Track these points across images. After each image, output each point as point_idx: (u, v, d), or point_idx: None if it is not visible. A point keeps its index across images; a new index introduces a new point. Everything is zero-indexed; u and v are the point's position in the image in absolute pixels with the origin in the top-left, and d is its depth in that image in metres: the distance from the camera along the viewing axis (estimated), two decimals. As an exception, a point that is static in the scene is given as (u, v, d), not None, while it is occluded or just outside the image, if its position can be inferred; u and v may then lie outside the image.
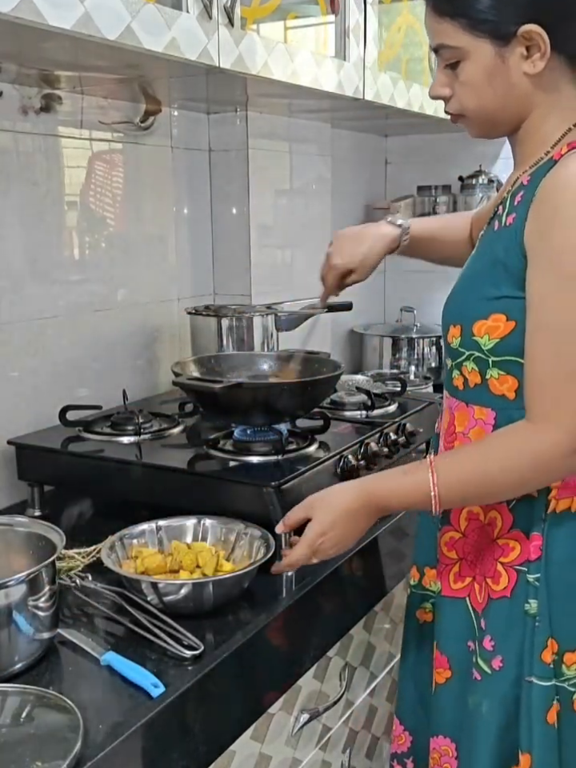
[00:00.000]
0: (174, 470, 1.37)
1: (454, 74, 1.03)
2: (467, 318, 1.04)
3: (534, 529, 1.04)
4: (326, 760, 1.34)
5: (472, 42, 0.99)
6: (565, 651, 1.03)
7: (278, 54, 1.45)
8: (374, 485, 1.07)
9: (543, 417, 0.96)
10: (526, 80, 1.00)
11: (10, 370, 1.54)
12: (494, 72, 1.00)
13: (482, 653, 1.08)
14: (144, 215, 1.85)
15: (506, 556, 1.06)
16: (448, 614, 1.15)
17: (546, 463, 0.97)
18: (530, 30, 0.96)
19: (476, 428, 1.08)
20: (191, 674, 0.97)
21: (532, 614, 1.03)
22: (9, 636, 0.95)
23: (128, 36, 1.14)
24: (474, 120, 1.07)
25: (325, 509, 1.07)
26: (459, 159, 2.51)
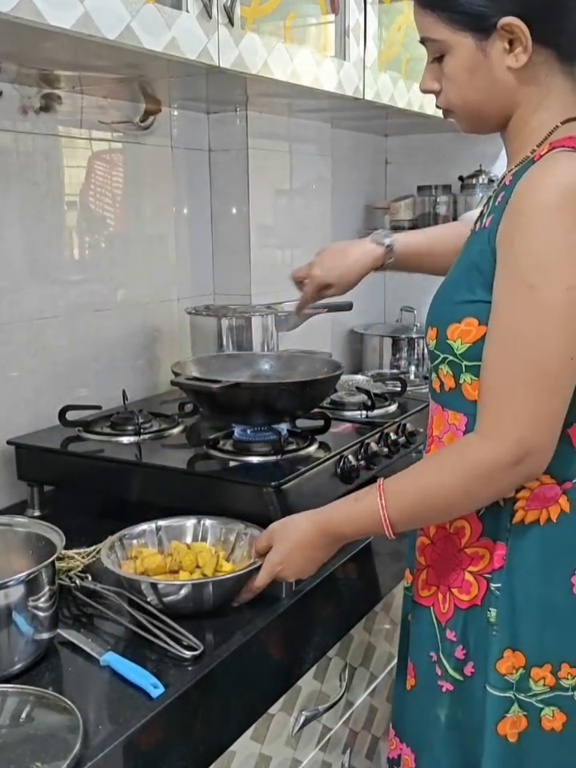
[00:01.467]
0: (173, 470, 1.36)
1: (440, 68, 1.02)
2: (443, 320, 1.02)
3: (499, 538, 1.02)
4: (326, 761, 1.34)
5: (453, 35, 0.98)
6: (532, 666, 1.01)
7: (277, 53, 1.45)
8: (328, 514, 1.08)
9: (488, 428, 0.95)
10: (509, 74, 0.98)
11: (9, 369, 1.54)
12: (477, 66, 0.98)
13: (452, 663, 1.06)
14: (144, 215, 1.85)
15: (476, 565, 1.04)
16: (416, 620, 1.14)
17: (490, 475, 0.95)
18: (509, 22, 0.94)
19: (449, 432, 1.06)
20: (191, 674, 0.97)
21: (491, 623, 1.02)
22: (8, 636, 0.95)
23: (128, 36, 1.14)
24: (461, 114, 1.05)
25: (283, 539, 1.09)
26: (459, 159, 2.51)
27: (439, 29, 0.99)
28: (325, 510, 1.10)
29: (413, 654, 1.14)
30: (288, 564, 1.09)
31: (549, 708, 1.02)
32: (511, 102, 1.00)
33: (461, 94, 1.02)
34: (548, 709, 1.02)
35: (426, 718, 1.11)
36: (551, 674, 1.02)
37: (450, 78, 1.01)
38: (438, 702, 1.09)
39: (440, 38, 0.99)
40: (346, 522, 1.06)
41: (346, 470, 1.38)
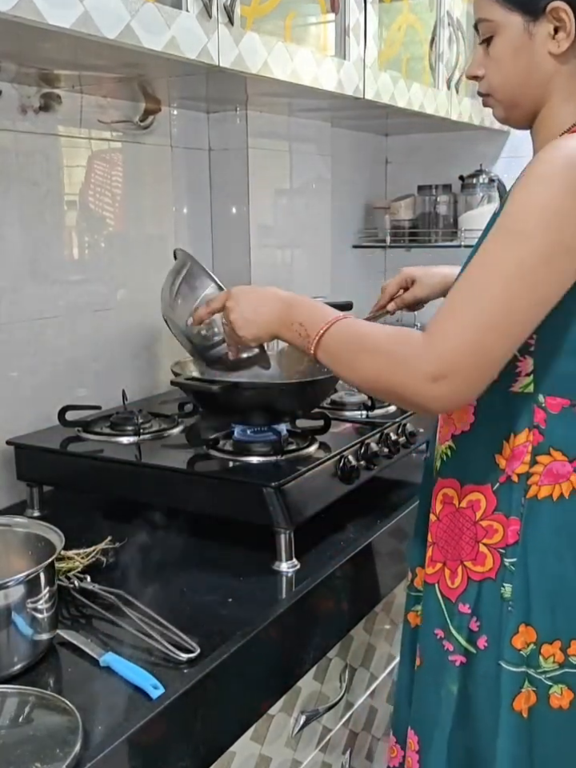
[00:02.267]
0: (173, 470, 1.36)
1: (487, 52, 1.06)
2: None
3: (513, 513, 1.03)
4: (326, 761, 1.33)
5: (505, 15, 1.02)
6: (543, 642, 1.03)
7: (277, 53, 1.45)
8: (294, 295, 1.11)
9: (426, 336, 0.94)
10: (549, 60, 1.01)
11: (9, 370, 1.54)
12: (521, 48, 1.02)
13: (465, 635, 1.07)
14: (144, 215, 1.84)
15: (491, 538, 1.05)
16: (424, 600, 1.15)
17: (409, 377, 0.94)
18: (557, 6, 0.98)
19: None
20: (191, 675, 0.97)
21: (506, 599, 1.03)
22: (8, 637, 0.95)
23: (127, 35, 1.14)
24: (498, 98, 1.08)
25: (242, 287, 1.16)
26: (460, 158, 2.50)
27: (493, 9, 1.03)
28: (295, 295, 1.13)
29: (420, 633, 1.15)
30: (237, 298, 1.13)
31: (557, 686, 1.03)
32: (544, 91, 1.04)
33: (501, 75, 1.05)
34: (556, 686, 1.03)
35: (435, 696, 1.11)
36: (561, 650, 1.03)
37: (495, 59, 1.05)
38: (449, 677, 1.09)
39: (493, 18, 1.03)
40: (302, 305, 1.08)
41: (346, 470, 1.38)
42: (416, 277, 1.42)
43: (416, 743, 1.14)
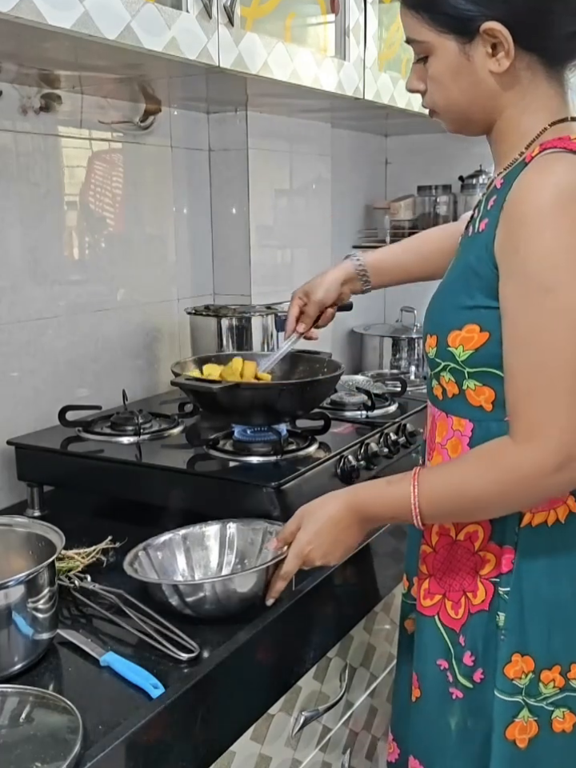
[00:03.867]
0: (173, 470, 1.36)
1: (425, 69, 1.02)
2: (443, 328, 1.01)
3: (507, 542, 1.01)
4: (326, 761, 1.34)
5: (437, 37, 0.98)
6: (542, 669, 1.01)
7: (277, 53, 1.45)
8: (359, 494, 1.06)
9: (525, 435, 0.92)
10: (492, 78, 0.97)
11: (9, 370, 1.54)
12: (459, 69, 0.98)
13: (462, 670, 1.06)
14: (144, 215, 1.85)
15: (483, 568, 1.04)
16: (420, 630, 1.12)
17: (531, 481, 0.93)
18: (491, 27, 0.93)
19: (453, 439, 1.05)
20: (191, 675, 0.97)
21: (500, 627, 1.02)
22: (8, 637, 0.95)
23: (128, 36, 1.14)
24: (445, 115, 1.05)
25: (312, 518, 1.07)
26: (459, 159, 2.51)
27: (424, 30, 0.98)
28: (355, 488, 1.08)
29: (417, 665, 1.12)
30: (317, 543, 1.06)
31: (559, 710, 1.02)
32: (495, 106, 1.00)
33: (444, 96, 1.02)
34: (558, 710, 1.02)
35: (437, 727, 1.09)
36: (560, 675, 1.01)
37: (434, 80, 1.01)
38: (449, 711, 1.07)
39: (424, 40, 0.99)
40: (377, 504, 1.05)
41: (346, 470, 1.38)
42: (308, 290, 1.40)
43: None
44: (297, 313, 1.41)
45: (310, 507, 1.09)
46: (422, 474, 1.01)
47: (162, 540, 1.19)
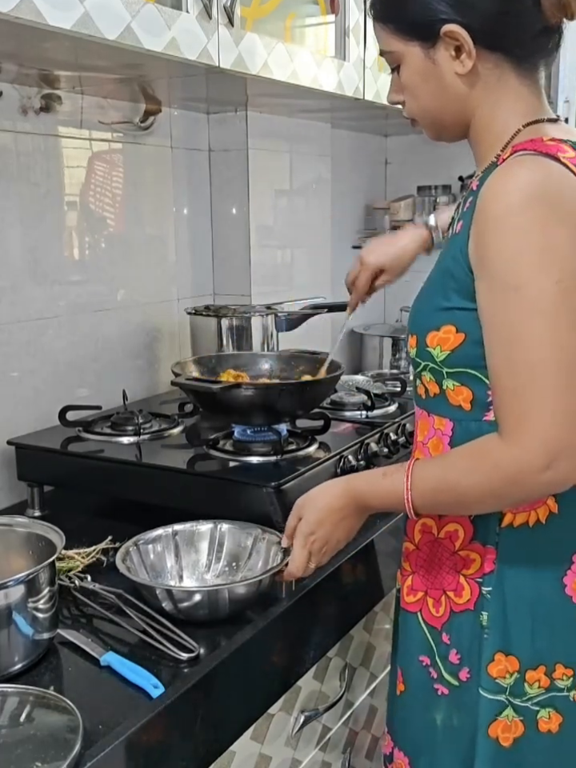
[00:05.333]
0: (173, 470, 1.36)
1: (399, 79, 1.05)
2: (422, 328, 1.02)
3: (489, 541, 1.02)
4: (326, 761, 1.34)
5: (403, 45, 1.01)
6: (526, 669, 1.01)
7: (277, 54, 1.45)
8: (356, 483, 1.08)
9: (511, 433, 0.92)
10: (458, 80, 0.99)
11: (9, 370, 1.54)
12: (427, 74, 1.01)
13: (448, 667, 1.06)
14: (144, 215, 1.85)
15: (468, 568, 1.04)
16: (403, 626, 1.14)
17: (519, 480, 0.93)
18: (450, 29, 0.96)
19: (434, 438, 1.06)
20: (191, 674, 0.97)
21: (483, 626, 1.02)
22: (8, 637, 0.95)
23: (128, 36, 1.14)
24: (423, 122, 1.08)
25: (311, 508, 1.09)
26: (459, 159, 2.49)
27: (391, 41, 1.02)
28: (352, 477, 1.10)
29: (401, 659, 1.14)
30: (320, 533, 1.08)
31: (545, 710, 1.02)
32: (465, 108, 1.02)
33: (417, 102, 1.05)
34: (544, 711, 1.02)
35: (422, 721, 1.10)
36: (546, 675, 1.02)
37: (407, 87, 1.04)
38: (434, 706, 1.08)
39: (393, 50, 1.02)
40: (373, 494, 1.06)
41: (346, 470, 1.38)
42: (383, 266, 1.39)
43: (407, 764, 1.14)
44: (368, 285, 1.40)
45: (308, 498, 1.10)
46: (416, 466, 1.01)
47: (152, 536, 1.20)
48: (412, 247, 1.38)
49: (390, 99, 1.10)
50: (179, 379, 1.42)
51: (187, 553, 1.21)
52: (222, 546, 1.22)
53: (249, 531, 1.22)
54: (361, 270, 1.40)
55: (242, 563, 1.20)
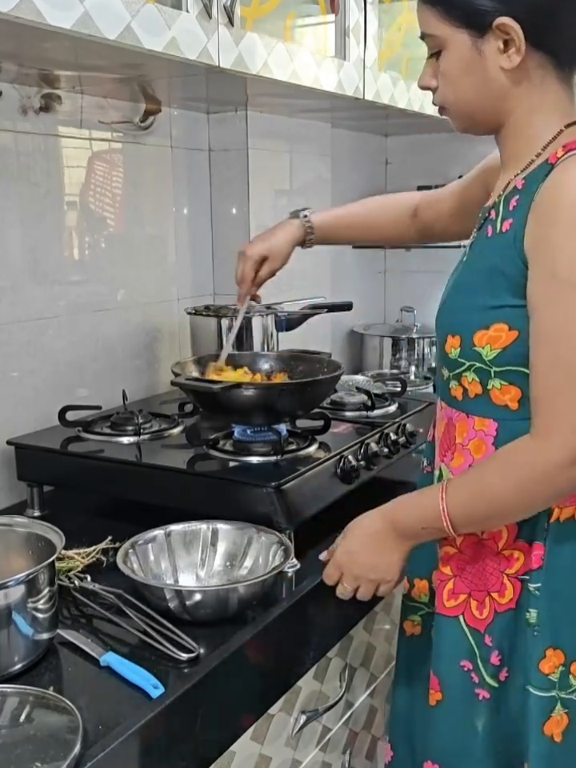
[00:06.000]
0: (173, 470, 1.36)
1: (438, 64, 1.03)
2: (467, 328, 1.02)
3: (537, 538, 1.02)
4: (326, 761, 1.34)
5: (450, 31, 0.99)
6: (572, 662, 1.02)
7: (277, 53, 1.45)
8: (394, 506, 1.09)
9: (543, 430, 0.94)
10: (502, 75, 0.98)
11: (9, 370, 1.54)
12: (471, 64, 0.99)
13: (489, 670, 1.05)
14: (144, 215, 1.84)
15: (511, 567, 1.04)
16: (440, 632, 1.11)
17: (545, 476, 0.94)
18: (503, 22, 0.95)
19: (475, 439, 1.06)
20: (191, 675, 0.97)
21: (531, 624, 1.02)
22: (8, 637, 0.95)
23: (128, 36, 1.14)
24: (454, 113, 1.06)
25: (351, 531, 1.12)
26: (459, 159, 2.50)
27: (438, 24, 1.00)
28: (393, 501, 1.10)
29: (439, 667, 1.11)
30: (354, 555, 1.09)
31: None
32: (504, 104, 1.01)
33: (454, 91, 1.03)
34: None
35: (462, 730, 1.08)
36: None
37: (445, 74, 1.02)
38: (476, 712, 1.07)
39: (438, 34, 1.00)
40: (409, 513, 1.06)
41: (346, 470, 1.38)
42: (265, 254, 1.42)
43: None
44: (253, 276, 1.43)
45: (354, 521, 1.12)
46: (451, 480, 1.03)
47: (149, 536, 1.20)
48: (287, 238, 1.42)
49: (421, 83, 1.07)
50: (179, 379, 1.42)
51: (183, 553, 1.21)
52: (217, 545, 1.22)
53: (244, 531, 1.22)
54: (244, 262, 1.43)
55: (236, 563, 1.21)
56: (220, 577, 1.20)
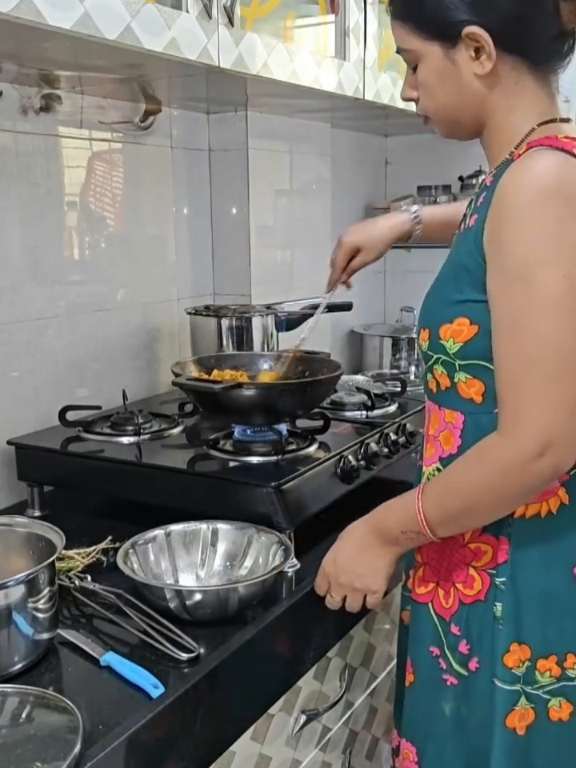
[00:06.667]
0: (173, 470, 1.36)
1: (415, 77, 1.06)
2: (434, 321, 1.04)
3: (502, 533, 1.03)
4: (326, 761, 1.34)
5: (422, 44, 1.02)
6: (538, 658, 1.03)
7: (277, 54, 1.45)
8: (376, 511, 1.11)
9: (508, 424, 0.95)
10: (477, 81, 1.01)
11: (9, 370, 1.54)
12: (446, 74, 1.02)
13: (457, 657, 1.07)
14: (144, 215, 1.85)
15: (479, 560, 1.05)
16: (414, 617, 1.15)
17: (512, 471, 0.95)
18: (472, 31, 0.97)
19: (445, 431, 1.08)
20: (191, 674, 0.97)
21: (497, 617, 1.03)
22: (8, 637, 0.95)
23: (128, 36, 1.14)
24: (437, 120, 1.09)
25: (339, 541, 1.14)
26: (459, 159, 2.50)
27: (411, 39, 1.03)
28: (378, 507, 1.11)
29: (411, 650, 1.15)
30: (339, 563, 1.11)
31: (556, 699, 1.04)
32: (482, 108, 1.04)
33: (434, 101, 1.06)
34: (555, 700, 1.04)
35: (429, 712, 1.12)
36: (557, 665, 1.03)
37: (423, 86, 1.05)
38: (442, 696, 1.10)
39: (412, 48, 1.03)
40: (389, 516, 1.08)
41: (346, 470, 1.38)
42: (360, 245, 1.42)
43: (414, 755, 1.15)
44: (345, 265, 1.44)
45: (345, 530, 1.14)
46: (427, 482, 1.05)
47: (149, 536, 1.20)
48: (389, 231, 1.42)
49: (403, 95, 1.11)
50: (180, 379, 1.42)
51: (183, 553, 1.22)
52: (217, 545, 1.22)
53: (244, 531, 1.22)
54: (338, 250, 1.44)
55: (236, 563, 1.21)
56: (220, 577, 1.20)
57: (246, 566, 1.20)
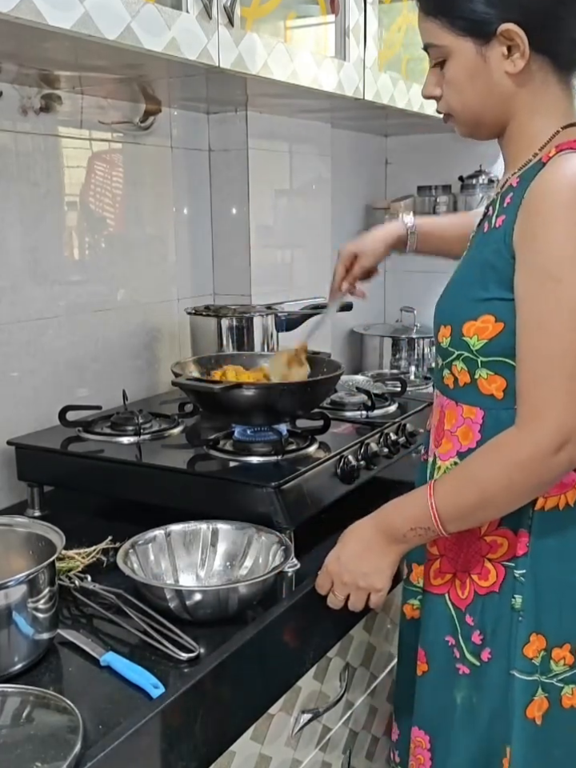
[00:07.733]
0: (173, 470, 1.36)
1: (442, 74, 1.06)
2: (457, 318, 1.06)
3: (522, 526, 1.05)
4: (326, 761, 1.34)
5: (454, 40, 1.02)
6: (553, 647, 1.05)
7: (277, 54, 1.45)
8: (382, 510, 1.11)
9: (527, 418, 0.97)
10: (507, 80, 1.01)
11: (9, 370, 1.54)
12: (476, 71, 1.02)
13: (470, 647, 1.10)
14: (144, 215, 1.85)
15: (494, 552, 1.07)
16: (428, 608, 1.17)
17: (529, 464, 0.97)
18: (508, 28, 0.98)
19: (463, 426, 1.09)
20: (191, 674, 0.97)
21: (517, 609, 1.05)
22: (8, 637, 0.95)
23: (128, 36, 1.14)
24: (461, 119, 1.09)
25: (342, 539, 1.14)
26: (459, 159, 2.51)
27: (442, 34, 1.02)
28: (384, 505, 1.12)
29: (425, 640, 1.17)
30: (343, 562, 1.11)
31: (568, 686, 1.06)
32: (509, 107, 1.04)
33: (460, 98, 1.05)
34: (567, 687, 1.06)
35: (442, 700, 1.14)
36: (570, 653, 1.05)
37: (451, 82, 1.05)
38: (455, 685, 1.12)
39: (443, 44, 1.03)
40: (397, 514, 1.08)
41: (346, 470, 1.38)
42: (356, 250, 1.43)
43: (427, 742, 1.17)
44: (344, 273, 1.45)
45: (347, 528, 1.14)
46: (438, 479, 1.06)
47: (148, 537, 1.20)
48: (385, 234, 1.42)
49: (425, 93, 1.10)
50: (180, 379, 1.42)
51: (183, 553, 1.22)
52: (217, 545, 1.23)
53: (244, 531, 1.22)
54: (338, 260, 1.45)
55: (236, 563, 1.21)
56: (220, 577, 1.20)
57: (246, 566, 1.20)
